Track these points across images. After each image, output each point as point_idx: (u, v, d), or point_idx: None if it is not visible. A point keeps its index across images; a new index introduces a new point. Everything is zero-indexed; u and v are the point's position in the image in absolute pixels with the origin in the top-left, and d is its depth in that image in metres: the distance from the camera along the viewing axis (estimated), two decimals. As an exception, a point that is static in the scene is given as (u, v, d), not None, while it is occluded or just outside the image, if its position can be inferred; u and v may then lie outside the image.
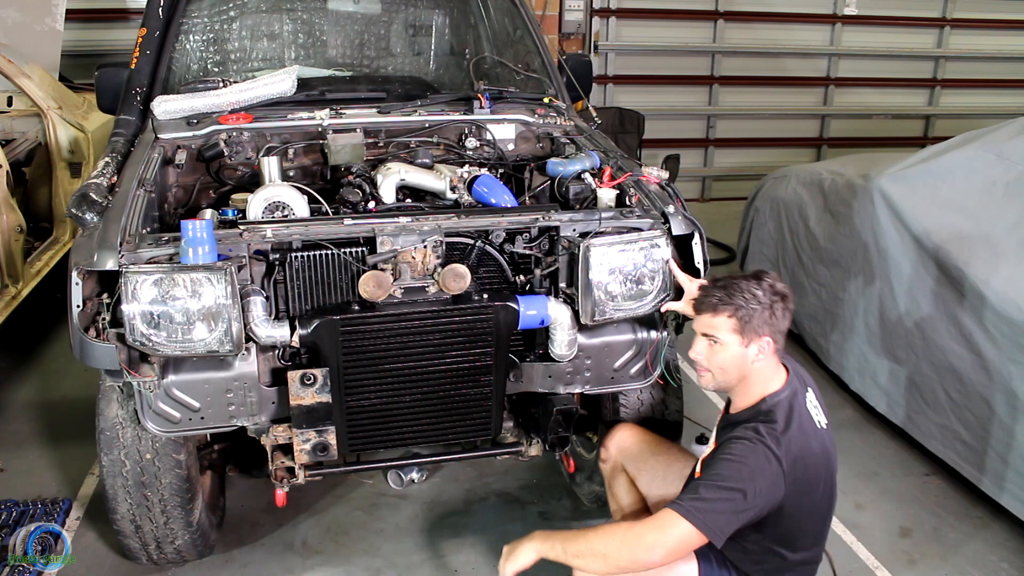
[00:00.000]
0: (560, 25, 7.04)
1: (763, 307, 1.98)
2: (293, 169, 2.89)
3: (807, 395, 2.10)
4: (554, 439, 2.55)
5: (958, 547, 3.02)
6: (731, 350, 2.02)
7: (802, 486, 1.98)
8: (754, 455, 1.92)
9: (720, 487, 1.90)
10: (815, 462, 2.00)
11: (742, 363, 2.03)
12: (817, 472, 2.01)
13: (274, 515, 3.07)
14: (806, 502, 2.01)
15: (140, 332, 2.07)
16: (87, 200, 2.32)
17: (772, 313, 1.99)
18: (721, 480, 1.91)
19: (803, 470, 1.96)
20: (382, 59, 3.69)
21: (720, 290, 2.03)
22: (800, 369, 2.16)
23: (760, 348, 2.01)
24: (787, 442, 1.94)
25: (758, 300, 1.98)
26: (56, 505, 3.09)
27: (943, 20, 7.96)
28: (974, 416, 3.12)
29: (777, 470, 1.92)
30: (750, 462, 1.91)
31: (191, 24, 3.42)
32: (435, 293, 2.32)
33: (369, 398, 2.35)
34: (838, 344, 4.02)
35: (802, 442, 1.97)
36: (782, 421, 1.97)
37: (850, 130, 8.15)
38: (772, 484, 1.91)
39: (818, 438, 2.03)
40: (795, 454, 1.94)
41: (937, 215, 3.43)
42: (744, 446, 1.94)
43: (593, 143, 2.97)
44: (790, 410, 2.01)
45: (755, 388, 2.06)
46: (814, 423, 2.05)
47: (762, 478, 1.90)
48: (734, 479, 1.90)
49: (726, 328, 2.01)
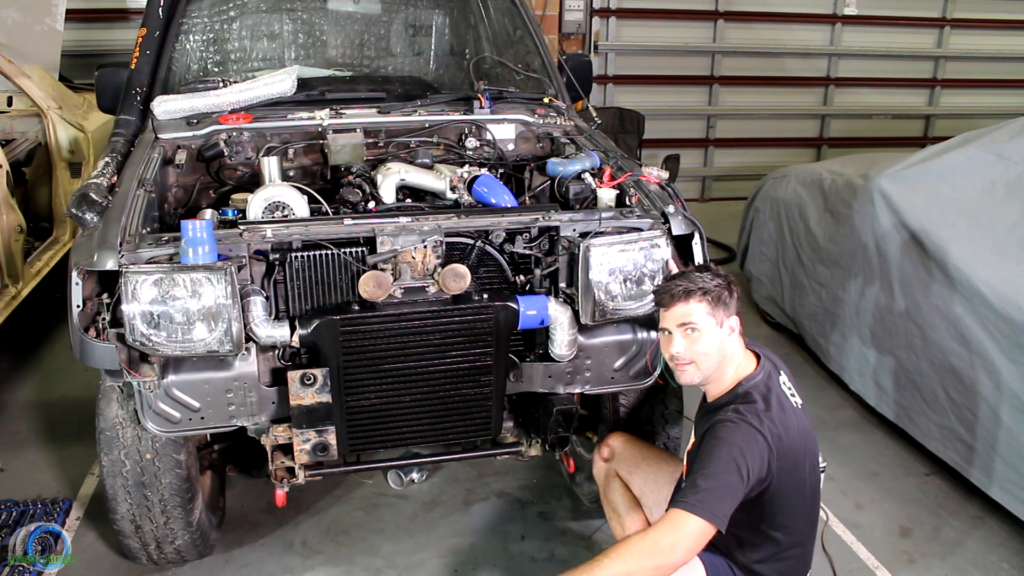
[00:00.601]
0: (560, 25, 7.04)
1: (722, 287, 2.08)
2: (293, 169, 2.89)
3: (780, 376, 2.15)
4: (554, 439, 2.55)
5: (958, 547, 3.02)
6: (709, 333, 2.08)
7: (788, 463, 2.02)
8: (739, 433, 1.97)
9: (714, 473, 1.93)
10: (797, 439, 2.05)
11: (720, 345, 2.09)
12: (800, 449, 2.06)
13: (274, 515, 3.07)
14: (794, 480, 2.06)
15: (140, 332, 2.07)
16: (87, 200, 2.32)
17: (730, 293, 2.09)
18: (713, 465, 1.94)
19: (787, 447, 2.01)
20: (382, 59, 3.69)
21: (681, 281, 2.10)
22: (769, 353, 2.22)
23: (731, 327, 2.09)
24: (768, 420, 2.00)
25: (716, 282, 2.08)
26: (56, 505, 3.09)
27: (943, 20, 7.95)
28: (974, 416, 3.12)
29: (763, 445, 1.97)
30: (736, 440, 1.96)
31: (191, 24, 3.42)
32: (435, 293, 2.33)
33: (369, 398, 2.35)
34: (838, 344, 4.02)
35: (782, 420, 2.03)
36: (761, 401, 2.03)
37: (850, 130, 8.14)
38: (760, 459, 1.96)
39: (796, 417, 2.09)
40: (778, 432, 2.00)
41: (937, 215, 3.43)
42: (728, 427, 1.99)
43: (593, 143, 2.97)
44: (767, 390, 2.06)
45: (729, 374, 2.12)
46: (791, 402, 2.11)
47: (751, 454, 1.95)
48: (725, 460, 1.94)
49: (700, 312, 2.07)
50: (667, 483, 2.45)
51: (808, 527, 2.19)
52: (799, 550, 2.18)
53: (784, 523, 2.10)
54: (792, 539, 2.14)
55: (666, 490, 2.43)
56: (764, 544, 2.12)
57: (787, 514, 2.09)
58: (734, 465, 1.93)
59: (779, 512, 2.08)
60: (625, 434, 2.66)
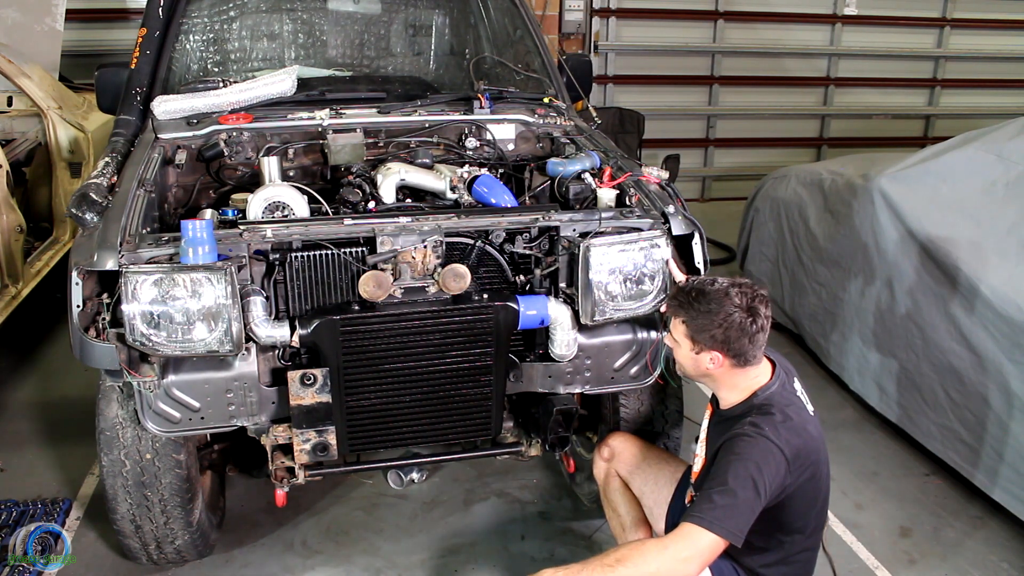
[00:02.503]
0: (560, 25, 7.04)
1: (713, 324, 1.98)
2: (293, 169, 2.89)
3: (794, 384, 2.13)
4: (554, 439, 2.55)
5: (958, 547, 3.02)
6: (684, 351, 2.08)
7: (806, 473, 2.00)
8: (757, 449, 1.94)
9: (731, 490, 1.90)
10: (814, 447, 2.03)
11: (696, 366, 2.07)
12: (816, 457, 2.04)
13: (274, 515, 3.07)
14: (810, 488, 2.04)
15: (140, 332, 2.07)
16: (87, 200, 2.32)
17: (724, 331, 1.98)
18: (731, 482, 1.91)
19: (805, 456, 1.98)
20: (382, 59, 3.69)
21: (686, 293, 2.05)
22: (783, 360, 2.18)
23: (713, 359, 2.03)
24: (787, 432, 1.97)
25: (710, 315, 1.99)
26: (56, 505, 3.09)
27: (943, 20, 7.95)
28: (974, 416, 3.12)
29: (781, 460, 1.93)
30: (755, 456, 1.93)
31: (191, 24, 3.42)
32: (435, 293, 2.32)
33: (369, 398, 2.35)
34: (838, 344, 4.02)
35: (801, 429, 2.00)
36: (779, 412, 2.00)
37: (850, 130, 8.14)
38: (778, 474, 1.93)
39: (813, 423, 2.07)
40: (796, 444, 1.96)
41: (937, 215, 3.43)
42: (745, 442, 1.95)
43: (593, 143, 2.96)
44: (784, 401, 2.03)
45: (740, 385, 2.08)
46: (807, 410, 2.09)
47: (768, 469, 1.92)
48: (743, 477, 1.91)
49: (680, 331, 2.07)
50: (667, 483, 2.45)
51: (818, 531, 2.17)
52: (808, 554, 2.17)
53: (797, 528, 2.09)
54: (802, 544, 2.12)
55: (666, 490, 2.43)
56: (775, 549, 2.11)
57: (800, 520, 2.08)
58: (751, 483, 1.89)
59: (793, 519, 2.06)
60: (625, 434, 2.66)
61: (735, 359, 2.02)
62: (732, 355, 2.01)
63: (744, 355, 2.01)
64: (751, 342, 2.00)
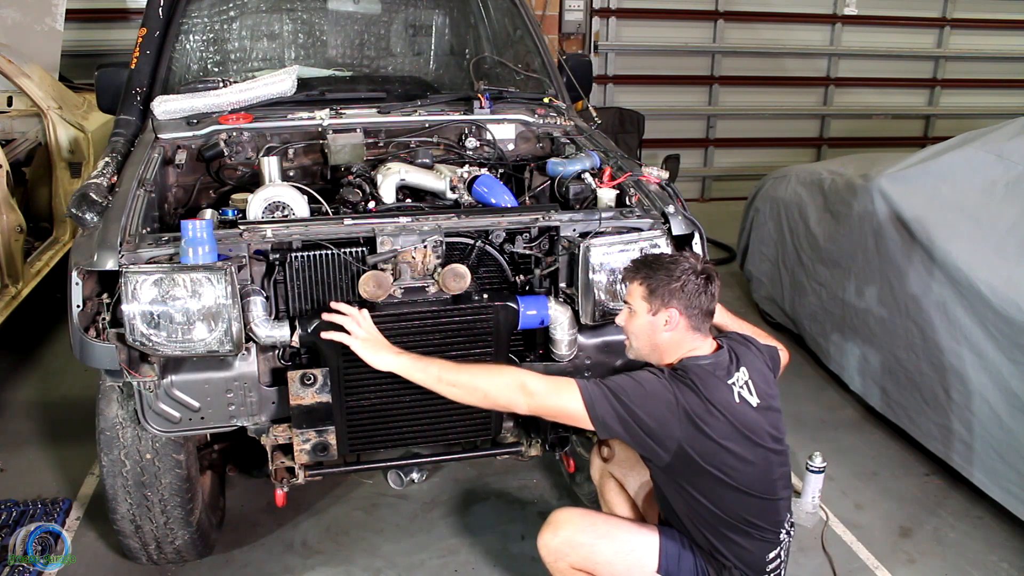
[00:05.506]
0: (560, 25, 7.04)
1: (672, 279, 2.05)
2: (293, 169, 2.89)
3: (737, 373, 2.08)
4: (554, 439, 2.55)
5: (958, 547, 3.02)
6: (640, 316, 2.09)
7: (709, 444, 1.98)
8: (654, 382, 2.01)
9: (617, 389, 1.99)
10: (733, 433, 2.00)
11: (651, 331, 2.09)
12: (739, 448, 2.00)
13: (274, 515, 3.07)
14: (741, 476, 2.01)
15: (140, 332, 2.07)
16: (87, 200, 2.32)
17: (682, 286, 2.04)
18: (622, 384, 2.00)
19: (712, 435, 1.98)
20: (382, 59, 3.69)
21: (642, 260, 2.14)
22: (746, 353, 2.15)
23: (668, 319, 2.06)
24: (691, 394, 1.99)
25: (668, 272, 2.06)
26: (56, 505, 3.09)
27: (943, 20, 7.96)
28: (974, 416, 3.12)
29: (673, 404, 1.97)
30: (648, 387, 2.00)
31: (191, 24, 3.42)
32: (435, 293, 2.33)
33: (369, 398, 2.35)
34: (838, 344, 4.02)
35: (711, 408, 1.99)
36: (691, 379, 2.01)
37: (850, 130, 8.15)
38: (665, 415, 1.96)
39: (742, 411, 2.02)
40: (699, 414, 1.97)
41: (937, 215, 3.42)
42: (648, 374, 2.04)
43: (593, 143, 2.97)
44: (704, 374, 2.03)
45: (675, 353, 2.10)
46: (731, 394, 2.03)
47: (655, 404, 1.97)
48: (630, 392, 1.98)
49: (637, 295, 2.09)
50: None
51: (774, 529, 2.13)
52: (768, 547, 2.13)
53: (744, 525, 2.07)
54: (758, 541, 2.10)
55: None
56: (729, 545, 2.10)
57: (746, 512, 2.06)
58: (634, 401, 1.96)
59: (736, 510, 2.05)
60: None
61: (689, 318, 2.06)
62: (688, 312, 2.05)
63: (700, 311, 2.06)
64: (707, 299, 2.07)
